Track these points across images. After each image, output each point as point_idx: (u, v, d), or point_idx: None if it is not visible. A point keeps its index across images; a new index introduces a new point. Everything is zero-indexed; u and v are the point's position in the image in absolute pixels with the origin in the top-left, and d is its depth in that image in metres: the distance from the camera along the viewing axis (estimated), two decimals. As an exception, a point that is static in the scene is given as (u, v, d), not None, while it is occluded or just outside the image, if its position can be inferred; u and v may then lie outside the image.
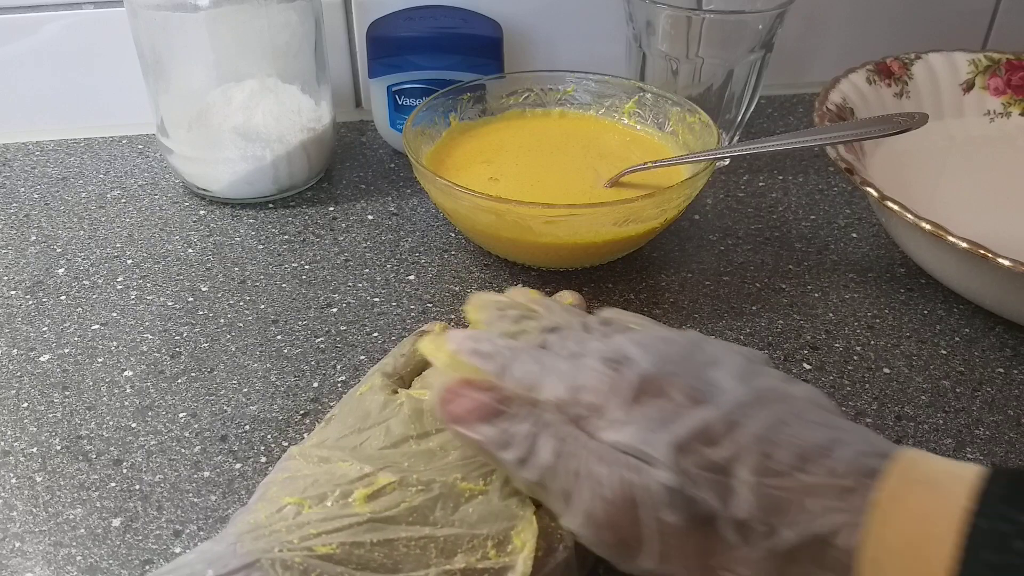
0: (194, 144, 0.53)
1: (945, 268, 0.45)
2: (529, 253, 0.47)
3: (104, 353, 0.43)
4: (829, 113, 0.52)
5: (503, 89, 0.55)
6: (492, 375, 0.29)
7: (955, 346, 0.44)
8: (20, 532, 0.34)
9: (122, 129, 0.63)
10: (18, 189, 0.57)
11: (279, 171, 0.54)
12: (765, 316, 0.46)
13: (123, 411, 0.40)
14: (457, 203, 0.45)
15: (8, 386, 0.41)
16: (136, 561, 0.33)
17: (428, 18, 0.60)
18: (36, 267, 0.49)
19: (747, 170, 0.60)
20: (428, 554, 0.28)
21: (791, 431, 0.26)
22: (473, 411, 0.28)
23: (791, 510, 0.25)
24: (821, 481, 0.25)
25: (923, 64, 0.58)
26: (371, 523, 0.28)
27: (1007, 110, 0.59)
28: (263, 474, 0.36)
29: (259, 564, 0.26)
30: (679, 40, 0.54)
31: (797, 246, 0.52)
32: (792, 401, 0.28)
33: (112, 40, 0.60)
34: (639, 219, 0.44)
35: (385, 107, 0.59)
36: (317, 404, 0.40)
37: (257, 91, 0.52)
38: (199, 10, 0.49)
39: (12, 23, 0.60)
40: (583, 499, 0.27)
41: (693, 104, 0.52)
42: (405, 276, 0.49)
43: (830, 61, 0.60)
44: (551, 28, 0.66)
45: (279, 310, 0.46)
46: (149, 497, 0.35)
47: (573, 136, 0.54)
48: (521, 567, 0.28)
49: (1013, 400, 0.41)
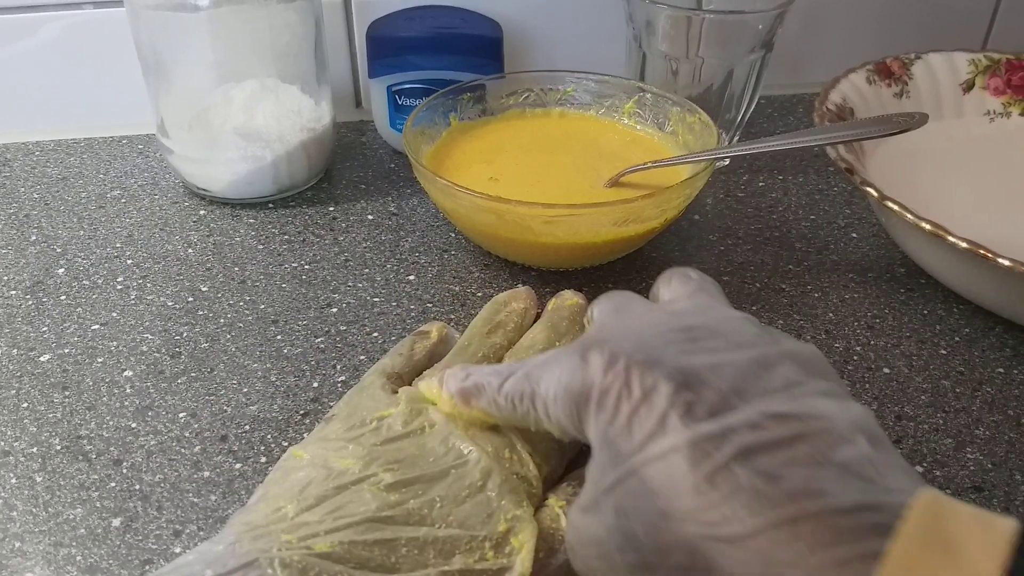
0: (194, 144, 0.53)
1: (945, 268, 0.45)
2: (529, 253, 0.47)
3: (104, 353, 0.43)
4: (829, 113, 0.52)
5: (503, 89, 0.55)
6: (491, 409, 0.31)
7: (955, 346, 0.44)
8: (20, 532, 0.34)
9: (122, 129, 0.63)
10: (18, 189, 0.57)
11: (279, 171, 0.54)
12: (765, 316, 0.46)
13: (123, 411, 0.40)
14: (457, 203, 0.45)
15: (8, 386, 0.41)
16: (136, 561, 0.33)
17: (428, 18, 0.60)
18: (36, 267, 0.49)
19: (747, 170, 0.60)
20: (426, 554, 0.28)
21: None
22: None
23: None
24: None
25: (923, 64, 0.58)
26: (370, 522, 0.28)
27: (1007, 110, 0.59)
28: (263, 474, 0.36)
29: (257, 563, 0.26)
30: (679, 40, 0.54)
31: (797, 246, 0.52)
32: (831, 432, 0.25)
33: (112, 40, 0.60)
34: (639, 219, 0.44)
35: (385, 107, 0.59)
36: (317, 404, 0.40)
37: (257, 91, 0.52)
38: (199, 10, 0.49)
39: (12, 23, 0.60)
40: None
41: (693, 104, 0.51)
42: (405, 276, 0.49)
43: (830, 61, 0.60)
44: (551, 28, 0.66)
45: (279, 310, 0.46)
46: (149, 497, 0.35)
47: (573, 136, 0.54)
48: (519, 568, 0.28)
49: (1013, 400, 0.41)
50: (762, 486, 0.23)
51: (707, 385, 0.25)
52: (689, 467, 0.24)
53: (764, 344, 0.27)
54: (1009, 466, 0.38)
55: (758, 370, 0.26)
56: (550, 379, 0.28)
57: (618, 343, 0.27)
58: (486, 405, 0.31)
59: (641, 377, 0.26)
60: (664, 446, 0.24)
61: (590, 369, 0.27)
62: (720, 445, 0.24)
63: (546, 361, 0.29)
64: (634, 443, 0.25)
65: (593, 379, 0.27)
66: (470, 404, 0.31)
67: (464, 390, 0.32)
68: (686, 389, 0.25)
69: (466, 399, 0.32)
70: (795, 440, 0.24)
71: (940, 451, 0.38)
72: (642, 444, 0.25)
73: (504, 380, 0.30)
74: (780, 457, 0.24)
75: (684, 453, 0.24)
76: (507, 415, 0.30)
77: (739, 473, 0.23)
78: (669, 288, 0.34)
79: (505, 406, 0.30)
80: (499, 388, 0.30)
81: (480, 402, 0.31)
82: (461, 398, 0.32)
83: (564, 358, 0.28)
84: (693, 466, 0.24)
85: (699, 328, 0.28)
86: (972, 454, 0.38)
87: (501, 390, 0.30)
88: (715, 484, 0.23)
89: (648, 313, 0.31)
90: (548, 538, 0.29)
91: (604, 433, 0.26)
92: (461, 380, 0.32)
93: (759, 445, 0.24)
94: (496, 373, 0.31)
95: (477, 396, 0.31)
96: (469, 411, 0.32)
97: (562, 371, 0.28)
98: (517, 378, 0.30)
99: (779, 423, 0.24)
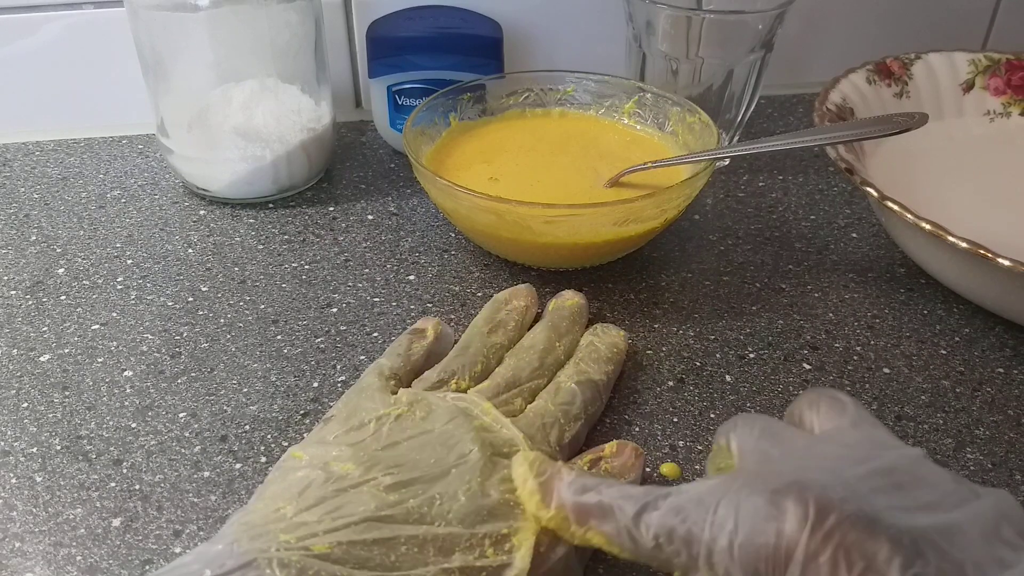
0: (194, 144, 0.53)
1: (945, 268, 0.45)
2: (529, 253, 0.47)
3: (104, 353, 0.43)
4: (829, 113, 0.52)
5: (503, 89, 0.55)
6: (621, 540, 0.26)
7: (955, 346, 0.44)
8: (20, 532, 0.34)
9: (122, 129, 0.63)
10: (18, 189, 0.57)
11: (279, 171, 0.54)
12: (765, 316, 0.46)
13: (123, 411, 0.40)
14: (457, 203, 0.45)
15: (8, 386, 0.41)
16: (136, 561, 0.33)
17: (428, 18, 0.60)
18: (36, 267, 0.49)
19: (747, 170, 0.60)
20: (426, 553, 0.28)
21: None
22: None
23: None
24: None
25: (923, 64, 0.58)
26: (369, 522, 0.28)
27: (1007, 110, 0.59)
28: (263, 474, 0.36)
29: (256, 563, 0.26)
30: (679, 40, 0.54)
31: (797, 246, 0.52)
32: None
33: (112, 40, 0.60)
34: (639, 219, 0.44)
35: (385, 107, 0.59)
36: (317, 404, 0.40)
37: (257, 91, 0.52)
38: (199, 10, 0.49)
39: (12, 23, 0.60)
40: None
41: (693, 104, 0.51)
42: (405, 276, 0.49)
43: (830, 61, 0.60)
44: (551, 28, 0.66)
45: (279, 310, 0.46)
46: (149, 497, 0.35)
47: (573, 136, 0.54)
48: (519, 564, 0.28)
49: (1013, 400, 0.41)
50: None
51: (942, 554, 0.22)
52: None
53: (972, 496, 0.24)
54: (1009, 466, 0.38)
55: (987, 533, 0.23)
56: (721, 524, 0.24)
57: (821, 490, 0.23)
58: (615, 534, 0.26)
59: (861, 541, 0.22)
60: None
61: (788, 522, 0.23)
62: None
63: (707, 496, 0.25)
64: None
65: (794, 536, 0.23)
66: (588, 525, 0.27)
67: (584, 508, 0.27)
68: (919, 558, 0.22)
69: (584, 519, 0.27)
70: None
71: (940, 451, 0.38)
72: None
73: (643, 509, 0.26)
74: None
75: None
76: (645, 553, 0.26)
77: None
78: (819, 414, 0.29)
79: (646, 544, 0.25)
80: (637, 518, 0.25)
81: (607, 528, 0.26)
82: (578, 516, 0.27)
83: (743, 500, 0.24)
84: None
85: (899, 472, 0.25)
86: (972, 454, 0.38)
87: (641, 522, 0.25)
88: None
89: (816, 444, 0.27)
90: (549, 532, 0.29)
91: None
92: (579, 493, 0.27)
93: None
94: (629, 497, 0.26)
95: (602, 520, 0.26)
96: (583, 533, 0.27)
97: (741, 517, 0.24)
98: (664, 513, 0.25)
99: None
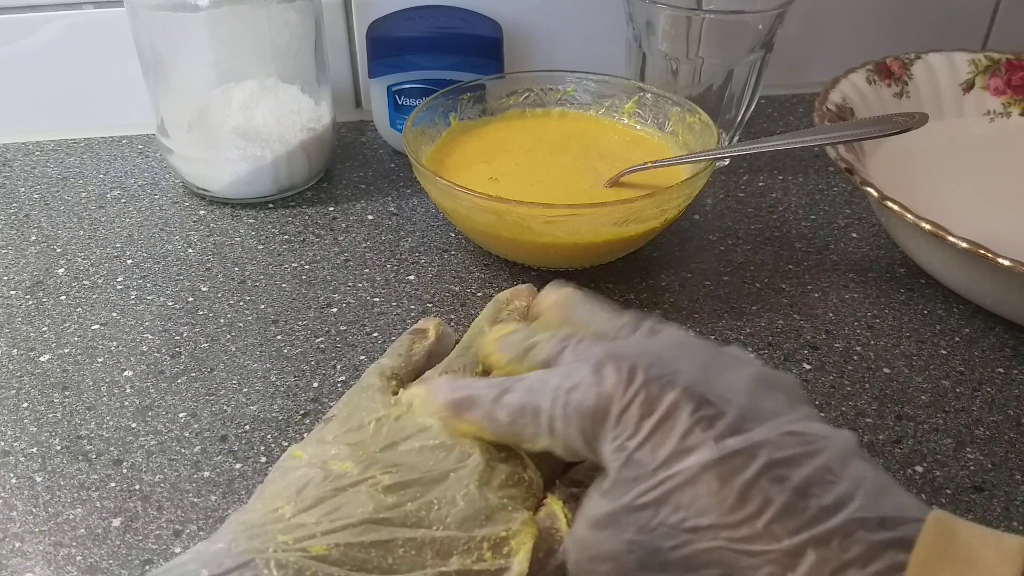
0: (194, 144, 0.53)
1: (945, 268, 0.45)
2: (529, 253, 0.47)
3: (104, 353, 0.43)
4: (829, 113, 0.52)
5: (503, 89, 0.55)
6: (484, 422, 0.29)
7: (955, 346, 0.44)
8: (20, 532, 0.34)
9: (122, 129, 0.63)
10: (18, 189, 0.57)
11: (279, 171, 0.54)
12: (765, 316, 0.46)
13: (123, 411, 0.40)
14: (457, 203, 0.45)
15: (8, 386, 0.41)
16: (136, 561, 0.33)
17: (428, 18, 0.60)
18: (36, 267, 0.49)
19: (747, 170, 0.60)
20: (424, 556, 0.27)
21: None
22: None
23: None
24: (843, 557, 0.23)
25: (923, 64, 0.58)
26: (367, 524, 0.28)
27: (1007, 110, 0.59)
28: (263, 474, 0.36)
29: (253, 564, 0.26)
30: (679, 40, 0.54)
31: (797, 246, 0.52)
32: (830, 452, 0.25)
33: (112, 40, 0.60)
34: (639, 219, 0.44)
35: (385, 107, 0.59)
36: (317, 404, 0.40)
37: (257, 91, 0.52)
38: (199, 10, 0.49)
39: (12, 23, 0.60)
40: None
41: (693, 104, 0.51)
42: (405, 276, 0.49)
43: (830, 61, 0.60)
44: (551, 28, 0.66)
45: (279, 310, 0.46)
46: (149, 497, 0.35)
47: (573, 136, 0.54)
48: (517, 568, 0.28)
49: (1013, 400, 0.41)
50: (793, 501, 0.24)
51: (726, 403, 0.26)
52: (719, 483, 0.24)
53: (757, 366, 0.28)
54: (1009, 466, 0.38)
55: (761, 391, 0.27)
56: (557, 394, 0.28)
57: (634, 358, 0.27)
58: (480, 418, 0.30)
59: (661, 394, 0.26)
60: (692, 462, 0.25)
61: (606, 384, 0.27)
62: (749, 461, 0.24)
63: (549, 376, 0.29)
64: (658, 460, 0.25)
65: (611, 394, 0.26)
66: (461, 416, 0.30)
67: (456, 402, 0.30)
68: (707, 406, 0.25)
69: (457, 411, 0.30)
70: (811, 456, 0.25)
71: (940, 451, 0.38)
72: (667, 461, 0.25)
73: (501, 393, 0.29)
74: (803, 472, 0.24)
75: (714, 469, 0.24)
76: (503, 430, 0.29)
77: (769, 488, 0.24)
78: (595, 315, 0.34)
79: (503, 421, 0.29)
80: (496, 401, 0.29)
81: (473, 415, 0.30)
82: (452, 410, 0.30)
83: (573, 373, 0.28)
84: (723, 482, 0.24)
85: (695, 348, 0.29)
86: (972, 454, 0.38)
87: (499, 403, 0.29)
88: (747, 499, 0.24)
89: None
90: (547, 538, 0.29)
91: (623, 450, 0.26)
92: (452, 391, 0.31)
93: (784, 461, 0.24)
94: (492, 386, 0.30)
95: (470, 409, 0.30)
96: (459, 424, 0.30)
97: (572, 386, 0.27)
98: (517, 392, 0.29)
99: (795, 440, 0.25)
